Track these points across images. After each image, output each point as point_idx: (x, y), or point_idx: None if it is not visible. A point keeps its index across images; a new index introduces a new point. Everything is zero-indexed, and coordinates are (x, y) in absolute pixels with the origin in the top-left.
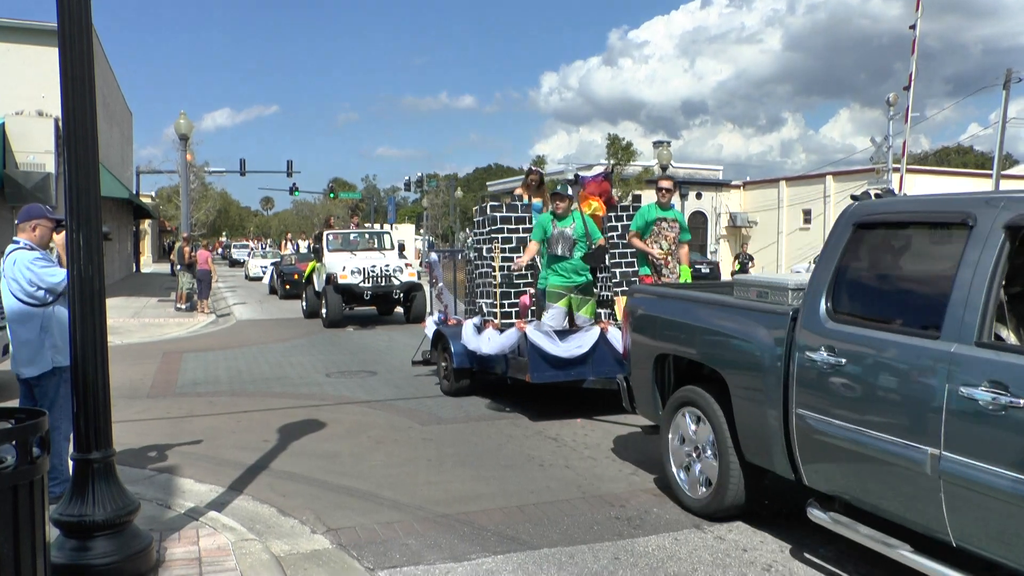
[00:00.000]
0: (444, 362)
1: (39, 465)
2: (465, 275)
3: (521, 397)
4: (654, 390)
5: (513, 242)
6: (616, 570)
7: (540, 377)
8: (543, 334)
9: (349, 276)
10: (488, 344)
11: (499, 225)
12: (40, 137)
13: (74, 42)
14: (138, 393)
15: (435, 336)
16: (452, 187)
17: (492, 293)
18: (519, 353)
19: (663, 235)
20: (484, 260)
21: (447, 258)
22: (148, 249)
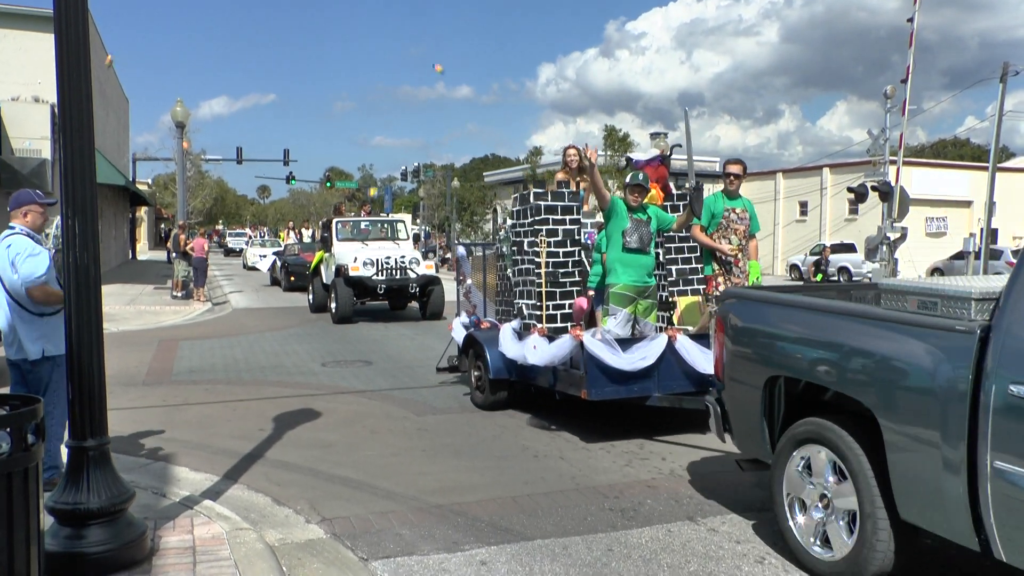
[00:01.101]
0: (477, 371)
1: (34, 452)
2: (496, 272)
3: (570, 414)
4: (762, 420)
5: (559, 235)
6: (609, 561)
7: (599, 394)
8: (603, 344)
9: (361, 268)
10: (535, 354)
11: (543, 215)
12: (36, 123)
13: (69, 29)
14: (134, 381)
15: (466, 341)
16: (449, 177)
17: (535, 293)
18: (572, 365)
19: (732, 228)
20: (525, 255)
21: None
22: (144, 236)
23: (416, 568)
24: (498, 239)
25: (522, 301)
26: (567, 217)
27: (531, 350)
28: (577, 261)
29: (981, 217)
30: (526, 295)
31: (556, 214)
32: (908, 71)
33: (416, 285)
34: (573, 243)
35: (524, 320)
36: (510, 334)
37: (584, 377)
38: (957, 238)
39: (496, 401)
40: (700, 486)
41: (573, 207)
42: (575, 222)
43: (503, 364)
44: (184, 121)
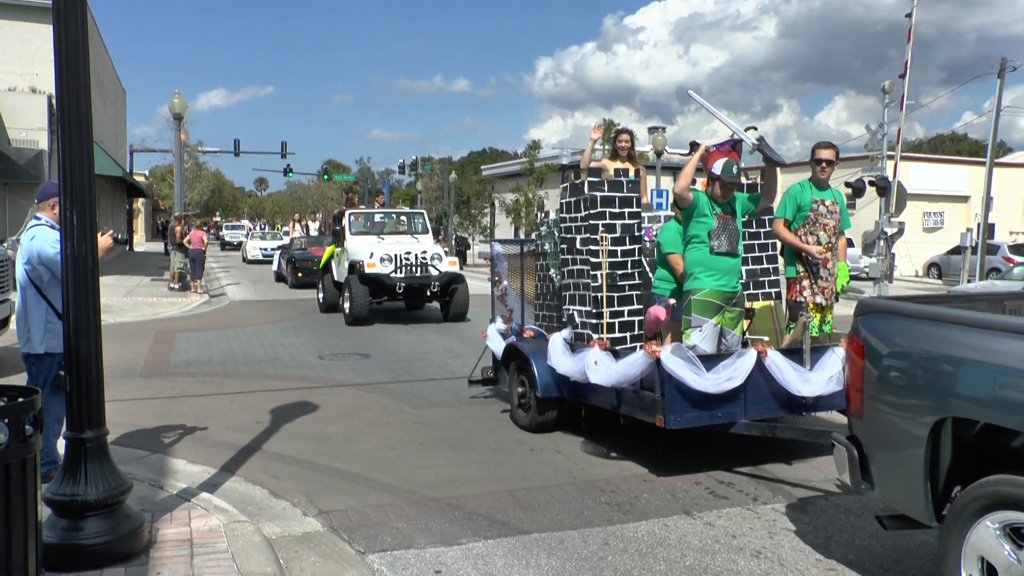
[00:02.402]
0: (521, 387)
1: (32, 444)
2: (535, 272)
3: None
4: (924, 472)
5: (617, 230)
6: (605, 555)
7: (679, 420)
8: (685, 361)
9: (378, 264)
10: (598, 371)
11: (600, 208)
12: (33, 114)
13: (68, 21)
14: (131, 372)
15: (507, 352)
16: (447, 170)
17: (591, 299)
18: (644, 385)
19: (821, 223)
20: (578, 254)
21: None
22: (141, 228)
23: (413, 561)
24: (538, 235)
25: (573, 307)
26: (626, 210)
27: (592, 367)
28: (637, 261)
29: (978, 212)
30: (578, 300)
31: (614, 206)
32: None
33: (438, 283)
34: (633, 240)
35: (576, 329)
36: (561, 346)
37: (661, 401)
38: (954, 233)
39: (544, 422)
40: (696, 480)
41: (632, 198)
42: (635, 216)
43: (553, 380)
44: (182, 113)
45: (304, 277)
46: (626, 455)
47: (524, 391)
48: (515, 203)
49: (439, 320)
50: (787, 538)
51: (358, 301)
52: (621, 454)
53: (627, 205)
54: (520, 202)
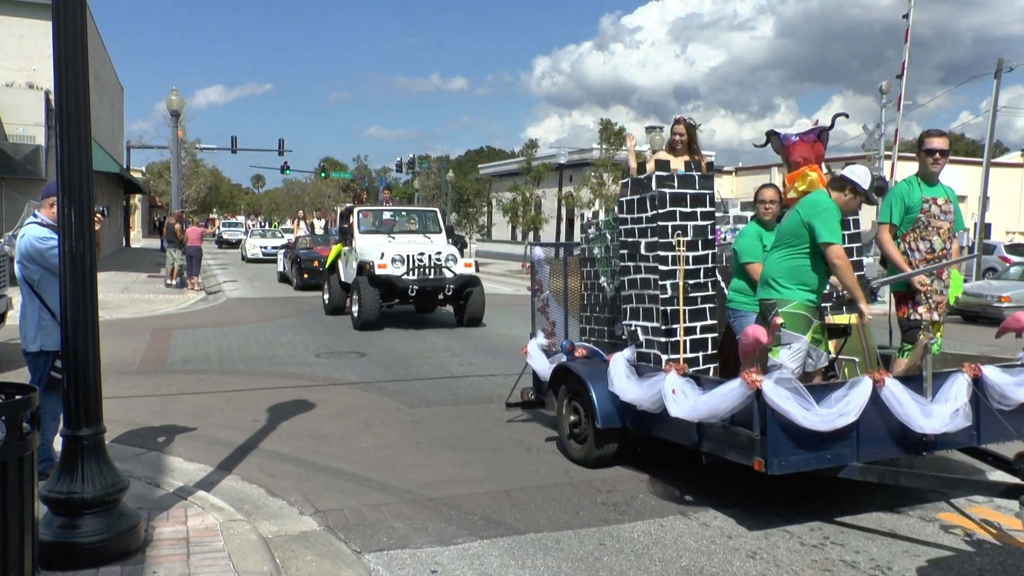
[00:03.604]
0: (575, 415)
1: (29, 441)
2: (581, 280)
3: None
4: None
5: (688, 233)
6: (601, 556)
7: (784, 464)
8: (791, 394)
9: (389, 265)
10: (681, 404)
11: (670, 207)
12: (31, 109)
13: (67, 17)
14: (128, 369)
15: (557, 374)
16: (444, 169)
17: (660, 313)
18: (736, 420)
19: (934, 227)
20: (643, 261)
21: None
22: (138, 224)
23: (409, 561)
24: (584, 238)
25: (635, 322)
26: (698, 210)
27: (671, 397)
28: (710, 269)
29: (975, 212)
30: (642, 314)
31: (684, 205)
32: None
33: (452, 286)
34: (706, 244)
35: (639, 348)
36: (625, 368)
37: (761, 441)
38: None
39: (602, 457)
40: (692, 481)
41: (705, 196)
42: (708, 216)
43: (615, 409)
44: (179, 110)
45: (310, 278)
46: (701, 499)
47: (578, 419)
48: (512, 202)
49: (452, 325)
50: (782, 539)
51: (368, 304)
52: (696, 498)
53: (699, 204)
54: (517, 201)
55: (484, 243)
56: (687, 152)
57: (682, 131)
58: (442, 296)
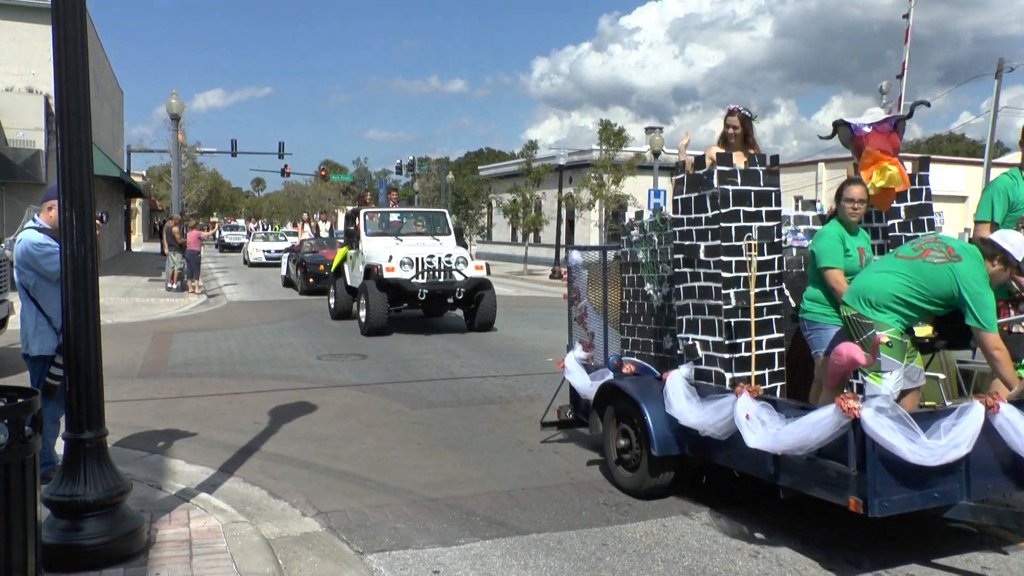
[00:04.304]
0: (624, 439)
1: (31, 444)
2: (621, 287)
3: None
4: None
5: (753, 234)
6: (604, 556)
7: (887, 505)
8: (895, 423)
9: (398, 268)
10: (760, 434)
11: (733, 207)
12: (30, 114)
13: (67, 22)
14: (129, 373)
15: (603, 393)
16: (444, 171)
17: (724, 326)
18: (824, 452)
19: None
20: (701, 267)
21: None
22: (139, 228)
23: (411, 561)
24: (627, 241)
25: (693, 336)
26: (763, 209)
27: (747, 425)
28: (776, 276)
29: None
30: (701, 327)
31: (748, 204)
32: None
33: (463, 290)
34: (772, 247)
35: (698, 365)
36: (684, 388)
37: (858, 477)
38: (952, 232)
39: (657, 486)
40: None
41: (770, 193)
42: (773, 216)
43: (672, 433)
44: (179, 113)
45: (316, 283)
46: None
47: (628, 444)
48: (512, 203)
49: (462, 330)
50: (785, 538)
51: (376, 309)
52: (768, 535)
53: (764, 202)
54: (517, 202)
55: (484, 245)
56: (741, 146)
57: (736, 123)
58: (452, 300)
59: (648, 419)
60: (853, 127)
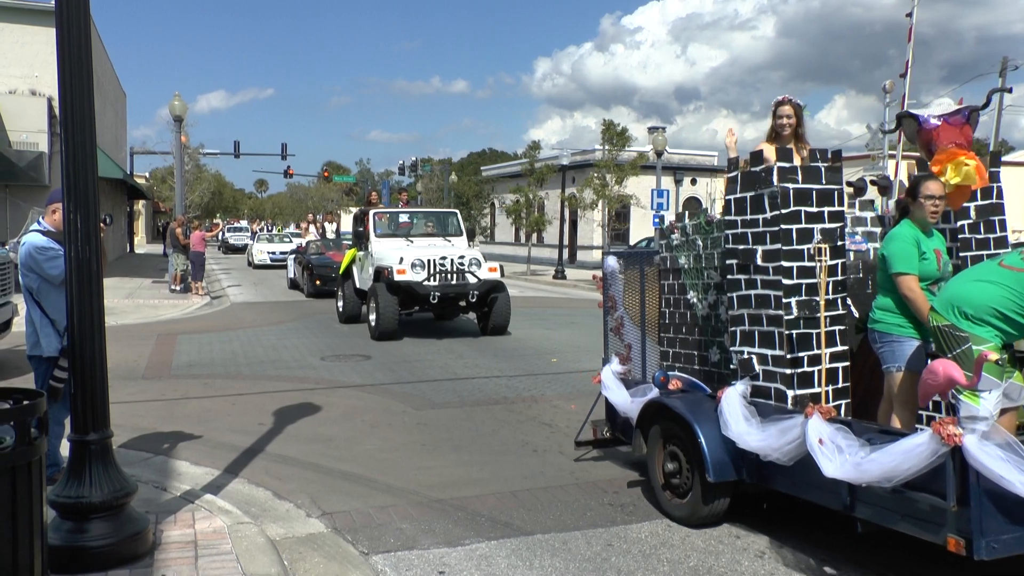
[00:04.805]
0: (673, 463)
1: (37, 446)
2: (660, 295)
3: None
4: None
5: (813, 239)
6: (609, 556)
7: (996, 547)
8: (1003, 451)
9: (409, 271)
10: (840, 464)
11: (794, 207)
12: (33, 116)
13: (71, 25)
14: (133, 374)
15: (648, 411)
16: (446, 171)
17: (785, 338)
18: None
19: None
20: (758, 273)
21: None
22: (142, 230)
23: (416, 562)
24: (666, 245)
25: (749, 349)
26: (825, 209)
27: (820, 450)
28: (840, 283)
29: None
30: (759, 339)
31: (809, 204)
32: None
33: (476, 292)
34: (835, 252)
35: (755, 381)
36: (742, 408)
37: (961, 513)
38: None
39: (711, 515)
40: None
41: (833, 192)
42: (836, 217)
43: (729, 457)
44: (182, 115)
45: (323, 285)
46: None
47: (677, 468)
48: (515, 204)
49: (475, 334)
50: (790, 539)
51: (386, 313)
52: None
53: (826, 202)
54: (520, 203)
55: (487, 245)
56: (793, 140)
57: (790, 113)
58: (464, 303)
59: (702, 441)
60: (921, 120)
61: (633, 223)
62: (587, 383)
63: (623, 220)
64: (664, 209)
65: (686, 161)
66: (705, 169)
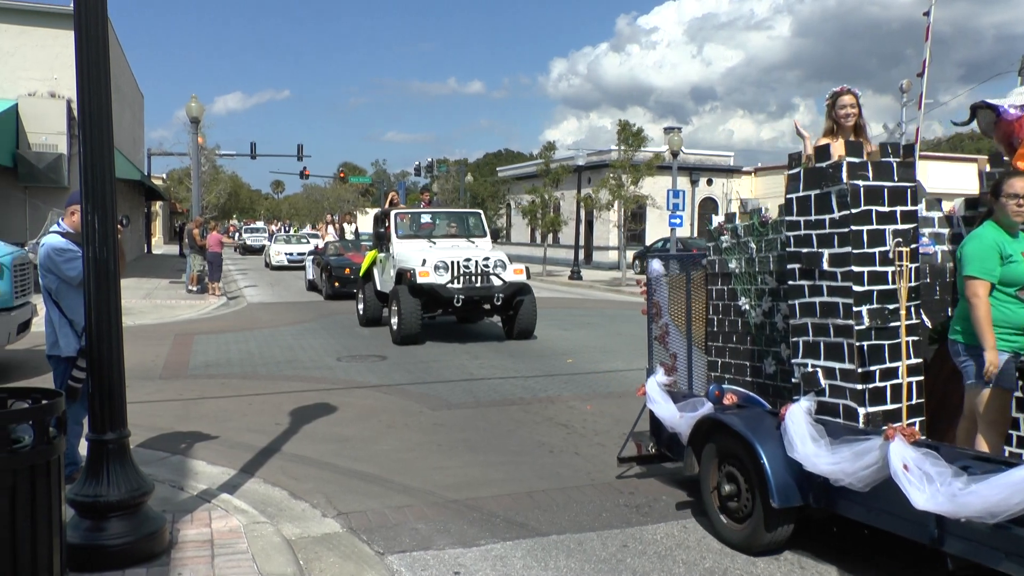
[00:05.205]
0: (730, 485)
1: (56, 445)
2: (707, 301)
3: None
4: None
5: (885, 242)
6: (624, 557)
7: None
8: None
9: (432, 273)
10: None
11: (864, 206)
12: (53, 118)
13: (89, 27)
14: (150, 374)
15: (701, 428)
16: (462, 172)
17: (855, 350)
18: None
19: None
20: (824, 279)
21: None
22: (159, 230)
23: (432, 562)
24: (715, 247)
25: (814, 361)
26: (897, 209)
27: (906, 478)
28: (915, 289)
29: None
30: (824, 351)
31: (880, 203)
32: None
33: (501, 295)
34: (913, 256)
35: (821, 397)
36: (809, 427)
37: None
38: None
39: (774, 542)
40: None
41: (906, 191)
42: (909, 217)
43: (794, 480)
44: (199, 116)
45: (341, 287)
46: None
47: (735, 491)
48: (531, 204)
49: (500, 338)
50: (808, 541)
51: (408, 316)
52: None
53: (899, 201)
54: (536, 203)
55: (503, 246)
56: (855, 131)
57: (852, 103)
58: (489, 306)
59: (765, 463)
60: (1000, 110)
61: (649, 224)
62: (603, 384)
63: (639, 221)
64: (680, 209)
65: (702, 161)
66: (721, 169)
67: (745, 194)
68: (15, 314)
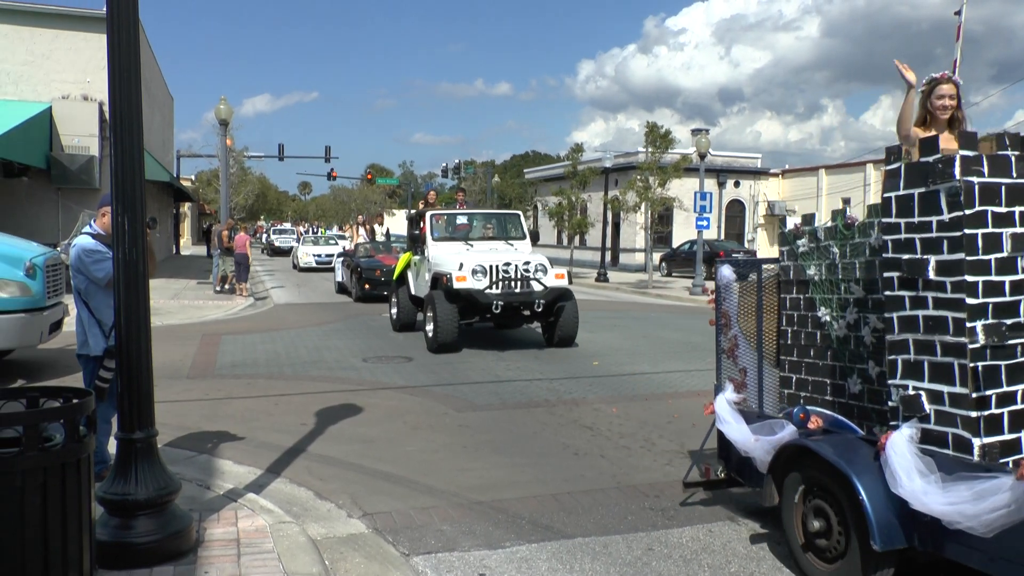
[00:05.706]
0: (819, 520)
1: (86, 443)
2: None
3: None
4: None
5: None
6: (650, 561)
7: None
8: None
9: (470, 278)
10: None
11: (979, 206)
12: (85, 121)
13: (121, 31)
14: (178, 374)
15: (784, 456)
16: (489, 174)
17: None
18: None
19: None
20: (929, 289)
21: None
22: (187, 231)
23: (457, 564)
24: (789, 252)
25: (916, 383)
26: (1016, 209)
27: None
28: None
29: None
30: (929, 372)
31: (997, 204)
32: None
33: (542, 301)
34: None
35: (924, 424)
36: (916, 461)
37: None
38: None
39: None
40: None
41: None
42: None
43: (898, 519)
44: (227, 118)
45: (372, 289)
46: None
47: (826, 528)
48: (558, 206)
49: (540, 345)
50: None
51: (445, 323)
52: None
53: (1018, 200)
54: (563, 205)
55: None
56: (950, 125)
57: (952, 92)
58: (529, 312)
59: (864, 499)
60: None
61: (676, 226)
62: (629, 386)
63: (666, 223)
64: (708, 212)
65: (729, 163)
66: (749, 171)
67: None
68: (47, 314)
